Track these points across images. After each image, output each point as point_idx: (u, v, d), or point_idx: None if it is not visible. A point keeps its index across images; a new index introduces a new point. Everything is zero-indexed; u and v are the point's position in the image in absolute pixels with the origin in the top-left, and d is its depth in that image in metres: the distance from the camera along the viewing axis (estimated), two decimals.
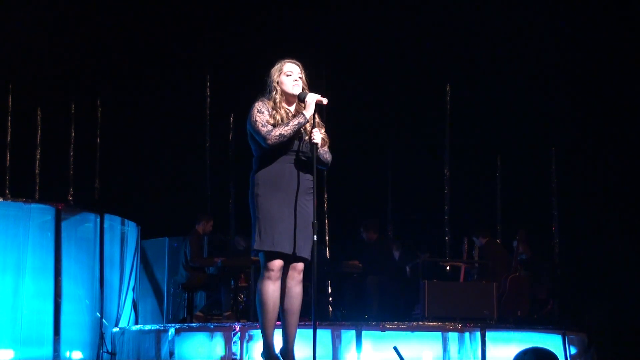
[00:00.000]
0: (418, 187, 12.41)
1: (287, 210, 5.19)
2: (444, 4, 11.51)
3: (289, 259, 5.23)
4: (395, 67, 11.98)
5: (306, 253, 5.24)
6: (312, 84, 5.38)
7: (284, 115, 5.24)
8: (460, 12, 11.47)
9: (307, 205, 5.25)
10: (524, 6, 11.22)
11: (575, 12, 11.03)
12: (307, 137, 5.26)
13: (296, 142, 5.24)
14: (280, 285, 5.26)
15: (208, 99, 12.39)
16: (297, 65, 5.35)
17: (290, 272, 5.27)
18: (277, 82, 5.30)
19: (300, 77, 5.31)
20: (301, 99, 5.26)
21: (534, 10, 11.25)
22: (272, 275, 5.17)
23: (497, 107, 11.77)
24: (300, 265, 5.28)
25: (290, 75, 5.29)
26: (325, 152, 5.35)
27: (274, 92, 5.29)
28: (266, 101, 5.28)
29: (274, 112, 5.23)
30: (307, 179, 5.27)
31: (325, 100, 5.24)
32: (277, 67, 5.34)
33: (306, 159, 5.27)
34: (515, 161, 12.11)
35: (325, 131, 5.36)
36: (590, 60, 11.30)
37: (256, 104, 5.26)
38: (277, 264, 5.18)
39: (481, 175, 12.38)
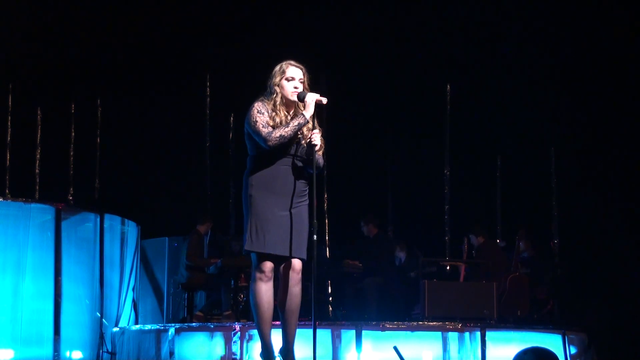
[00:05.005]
0: (418, 187, 12.40)
1: (281, 213, 5.15)
2: (444, 4, 11.50)
3: (283, 260, 5.20)
4: (395, 67, 11.97)
5: (302, 253, 5.21)
6: (312, 84, 5.34)
7: (283, 118, 5.17)
8: (461, 12, 11.46)
9: (301, 207, 5.22)
10: (523, 6, 11.22)
11: (574, 11, 11.02)
12: (304, 141, 5.21)
13: (293, 146, 5.19)
14: (280, 285, 5.24)
15: (208, 99, 12.39)
16: (300, 69, 5.25)
17: (290, 273, 5.22)
18: (278, 85, 5.21)
19: (301, 82, 5.22)
20: (300, 98, 5.19)
21: (533, 10, 11.24)
22: (264, 277, 5.15)
23: (497, 107, 11.77)
24: (298, 266, 5.22)
25: (291, 81, 5.20)
26: (320, 157, 5.27)
27: (274, 95, 5.21)
28: (266, 102, 5.21)
29: (274, 114, 5.16)
30: (302, 182, 5.24)
31: (324, 100, 5.18)
32: (279, 68, 5.24)
33: (301, 163, 5.23)
34: (515, 161, 12.11)
35: (322, 135, 5.25)
36: (590, 60, 11.29)
37: (256, 104, 5.19)
38: (269, 265, 5.16)
39: (481, 175, 12.38)
